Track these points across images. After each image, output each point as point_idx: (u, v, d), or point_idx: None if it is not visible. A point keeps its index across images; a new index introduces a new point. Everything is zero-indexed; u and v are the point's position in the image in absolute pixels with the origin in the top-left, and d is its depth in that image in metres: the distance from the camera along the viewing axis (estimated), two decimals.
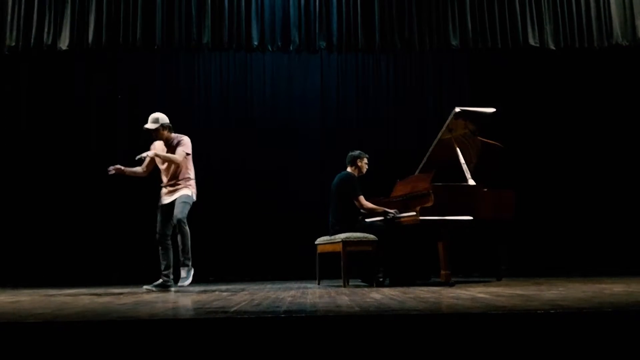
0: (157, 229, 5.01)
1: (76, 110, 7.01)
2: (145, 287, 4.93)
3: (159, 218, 5.04)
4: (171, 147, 5.06)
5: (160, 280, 4.94)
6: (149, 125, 5.01)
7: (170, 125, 5.08)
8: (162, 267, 4.97)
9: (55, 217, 6.77)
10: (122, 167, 5.03)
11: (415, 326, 2.28)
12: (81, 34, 6.65)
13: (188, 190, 5.01)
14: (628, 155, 7.19)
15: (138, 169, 5.19)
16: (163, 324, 2.35)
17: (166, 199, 5.04)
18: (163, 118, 5.07)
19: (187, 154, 5.02)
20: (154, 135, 5.05)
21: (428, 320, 2.34)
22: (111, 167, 4.98)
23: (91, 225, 6.80)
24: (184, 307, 2.94)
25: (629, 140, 7.22)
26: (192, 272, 4.89)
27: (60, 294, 4.50)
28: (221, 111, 7.19)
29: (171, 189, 5.03)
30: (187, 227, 4.86)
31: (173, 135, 5.12)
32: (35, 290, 5.18)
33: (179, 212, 4.83)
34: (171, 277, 4.98)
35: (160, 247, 5.00)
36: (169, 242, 5.00)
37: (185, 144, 5.03)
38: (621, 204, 7.07)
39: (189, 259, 4.87)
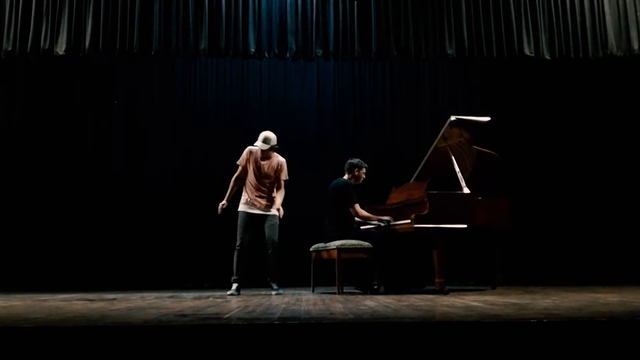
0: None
1: (73, 115, 7.03)
2: (228, 293, 5.14)
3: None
4: (270, 165, 5.38)
5: (235, 286, 5.21)
6: (262, 145, 5.32)
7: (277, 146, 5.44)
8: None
9: (49, 221, 6.76)
10: (226, 203, 5.36)
11: (408, 334, 2.28)
12: (78, 39, 6.64)
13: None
14: (623, 165, 7.22)
15: (235, 186, 5.46)
16: (156, 330, 2.34)
17: (252, 209, 5.33)
18: (274, 139, 5.39)
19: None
20: (264, 154, 5.37)
21: (421, 329, 2.34)
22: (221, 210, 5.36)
23: (83, 229, 6.79)
24: (177, 314, 2.94)
25: (623, 149, 7.26)
26: (234, 286, 5.18)
27: (53, 299, 4.48)
28: (218, 117, 7.21)
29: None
30: (237, 248, 5.28)
31: (274, 154, 5.46)
32: (28, 295, 5.15)
33: None
34: (238, 282, 5.21)
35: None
36: (241, 249, 5.28)
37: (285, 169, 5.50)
38: (616, 213, 7.10)
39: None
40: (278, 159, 5.43)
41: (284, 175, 5.44)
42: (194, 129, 7.20)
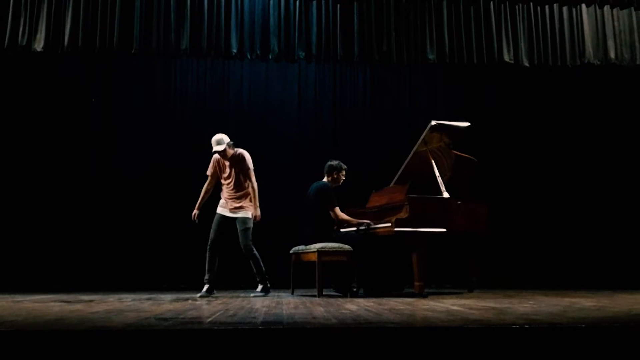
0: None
1: (49, 112, 6.90)
2: (198, 295, 5.05)
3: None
4: (236, 162, 5.25)
5: (205, 287, 5.10)
6: (217, 147, 5.16)
7: (232, 142, 5.25)
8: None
9: (21, 219, 6.64)
10: (197, 211, 5.31)
11: (392, 339, 2.30)
12: (57, 36, 6.53)
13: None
14: (598, 171, 7.37)
15: (205, 195, 5.40)
16: (138, 335, 2.31)
17: (224, 212, 5.26)
18: (226, 138, 5.20)
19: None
20: (222, 155, 5.22)
21: (404, 334, 2.35)
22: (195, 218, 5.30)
23: (57, 228, 6.68)
24: (158, 317, 2.90)
25: (599, 155, 7.41)
26: (204, 287, 5.11)
27: (27, 300, 4.40)
28: (197, 117, 7.15)
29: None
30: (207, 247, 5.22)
31: (234, 151, 5.28)
32: (0, 295, 5.05)
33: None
34: (209, 283, 5.12)
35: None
36: (209, 247, 5.20)
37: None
38: (590, 218, 7.24)
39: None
40: (237, 152, 5.29)
41: (247, 165, 5.23)
42: (173, 129, 7.14)
